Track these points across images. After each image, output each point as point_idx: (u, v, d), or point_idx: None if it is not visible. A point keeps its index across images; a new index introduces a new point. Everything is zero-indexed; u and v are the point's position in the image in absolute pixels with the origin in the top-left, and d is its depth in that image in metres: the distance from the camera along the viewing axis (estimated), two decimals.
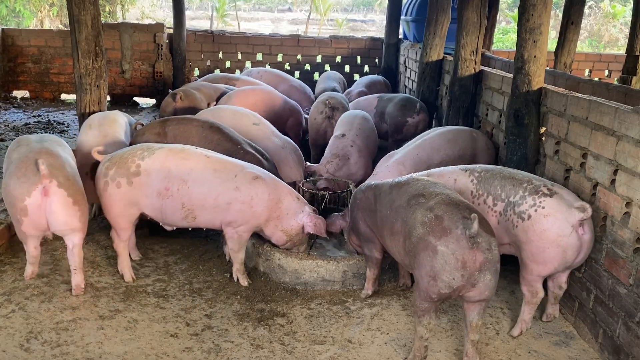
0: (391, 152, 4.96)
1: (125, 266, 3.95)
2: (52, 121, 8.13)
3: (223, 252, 4.34)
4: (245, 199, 3.74)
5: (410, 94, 8.07)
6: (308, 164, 5.40)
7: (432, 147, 4.76)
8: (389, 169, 4.58)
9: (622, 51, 11.44)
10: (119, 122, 4.95)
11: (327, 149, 5.50)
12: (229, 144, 4.44)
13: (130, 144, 4.59)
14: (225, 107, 5.59)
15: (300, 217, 3.92)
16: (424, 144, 4.81)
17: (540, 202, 3.27)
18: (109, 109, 5.63)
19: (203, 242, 4.62)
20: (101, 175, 3.77)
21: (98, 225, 4.77)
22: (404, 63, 9.15)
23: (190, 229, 4.52)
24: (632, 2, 8.53)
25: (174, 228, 4.00)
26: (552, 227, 3.20)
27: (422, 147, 4.77)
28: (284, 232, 3.92)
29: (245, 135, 4.83)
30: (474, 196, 3.61)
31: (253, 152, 4.48)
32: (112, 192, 3.72)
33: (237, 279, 3.98)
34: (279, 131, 5.52)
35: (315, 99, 7.12)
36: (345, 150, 5.34)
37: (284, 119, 6.60)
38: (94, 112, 5.16)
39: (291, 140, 5.42)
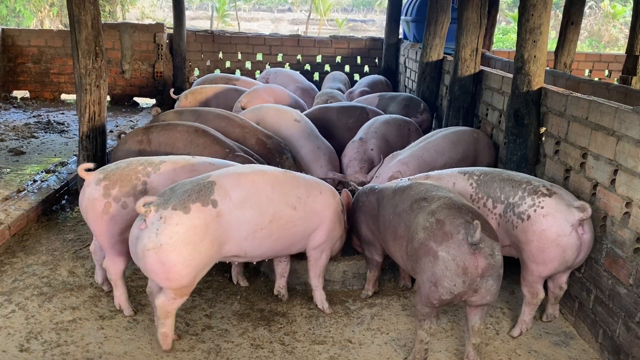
0: (394, 153, 4.95)
1: (123, 300, 3.57)
2: (52, 121, 8.12)
3: None
4: None
5: (410, 94, 8.07)
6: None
7: (436, 150, 4.76)
8: (392, 169, 4.58)
9: (622, 51, 11.45)
10: None
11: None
12: (216, 146, 4.33)
13: (113, 154, 4.37)
14: (268, 106, 5.70)
15: None
16: (429, 146, 4.80)
17: (539, 202, 3.27)
18: (109, 109, 5.57)
19: None
20: (98, 195, 3.33)
21: None
22: (404, 63, 9.15)
23: None
24: (632, 2, 8.53)
25: None
26: (552, 227, 3.20)
27: (427, 150, 4.76)
28: None
29: (285, 133, 5.15)
30: (473, 200, 3.60)
31: (243, 155, 4.41)
32: (115, 214, 3.33)
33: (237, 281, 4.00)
34: None
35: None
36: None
37: None
38: (94, 112, 5.15)
39: (328, 143, 5.48)
